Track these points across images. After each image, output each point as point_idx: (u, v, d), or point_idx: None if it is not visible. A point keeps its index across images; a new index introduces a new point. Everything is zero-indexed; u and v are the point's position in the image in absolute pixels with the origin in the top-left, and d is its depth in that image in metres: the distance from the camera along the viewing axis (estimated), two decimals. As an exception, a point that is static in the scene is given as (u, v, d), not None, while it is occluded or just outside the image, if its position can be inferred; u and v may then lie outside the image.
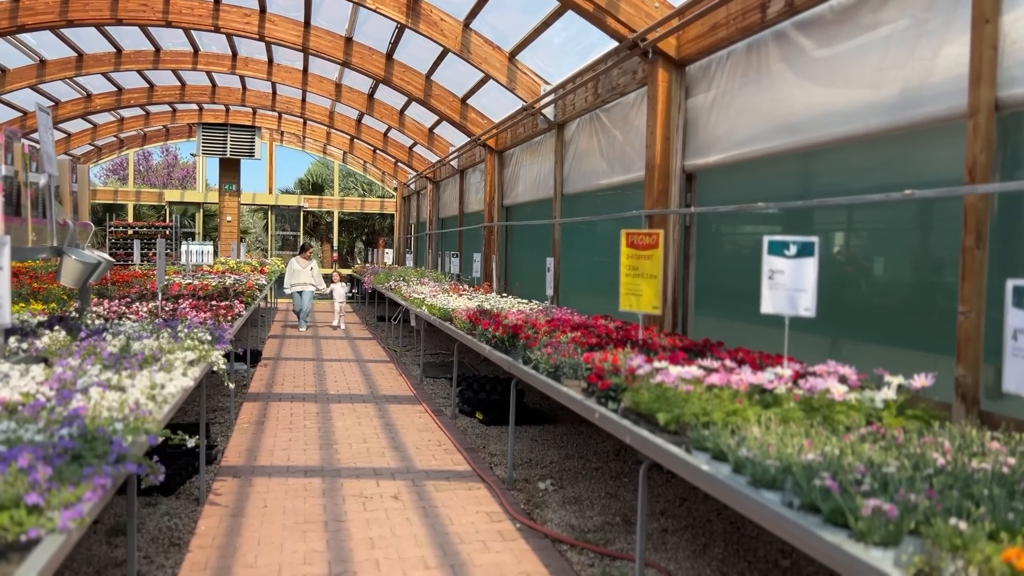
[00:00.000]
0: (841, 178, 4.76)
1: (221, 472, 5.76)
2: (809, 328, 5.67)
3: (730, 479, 2.57)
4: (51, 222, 4.29)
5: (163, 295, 7.62)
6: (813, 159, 4.91)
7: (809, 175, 5.06)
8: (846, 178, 4.71)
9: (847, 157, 4.59)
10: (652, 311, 4.75)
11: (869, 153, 4.39)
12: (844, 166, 4.67)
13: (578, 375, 4.29)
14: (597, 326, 5.94)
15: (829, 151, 4.68)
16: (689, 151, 6.06)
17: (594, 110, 7.91)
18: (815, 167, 4.97)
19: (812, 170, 5.01)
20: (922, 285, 4.39)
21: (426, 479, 5.68)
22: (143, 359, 4.04)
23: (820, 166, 4.93)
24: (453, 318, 7.40)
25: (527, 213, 10.89)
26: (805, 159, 4.97)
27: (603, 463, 6.18)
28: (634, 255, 4.87)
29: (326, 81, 13.89)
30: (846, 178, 4.71)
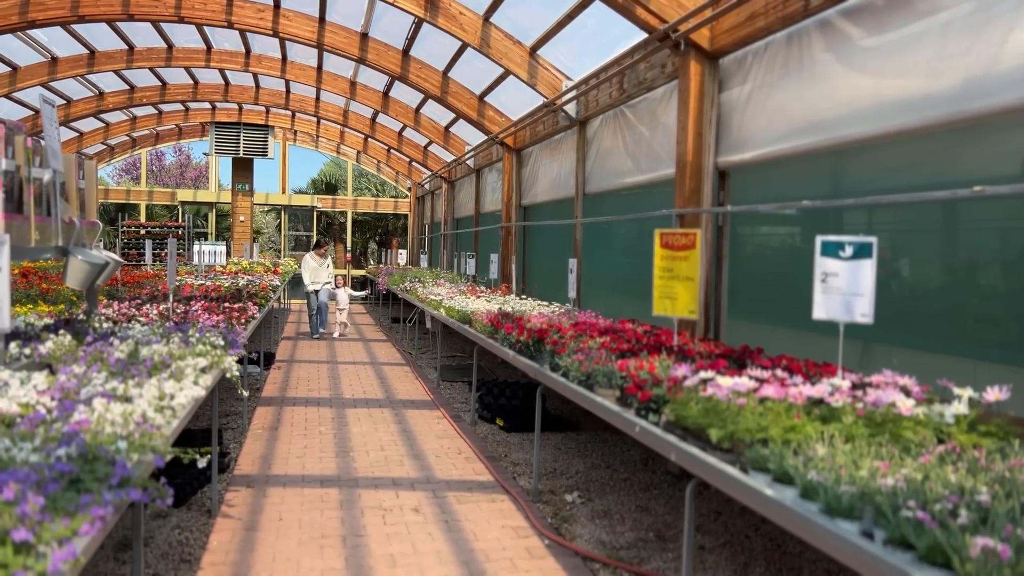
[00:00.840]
0: (891, 175, 4.49)
1: (234, 481, 5.54)
2: (847, 334, 5.40)
3: (799, 505, 2.30)
4: (56, 220, 4.06)
5: (175, 297, 7.41)
6: (859, 155, 4.63)
7: (855, 171, 4.78)
8: (896, 174, 4.43)
9: (898, 152, 4.31)
10: (688, 316, 4.49)
11: (923, 147, 4.11)
12: (895, 162, 4.39)
13: (612, 384, 4.03)
14: (626, 330, 5.68)
15: (878, 146, 4.41)
16: (722, 147, 5.79)
17: (618, 106, 7.65)
18: (861, 163, 4.69)
19: (858, 166, 4.73)
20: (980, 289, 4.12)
21: (447, 490, 5.43)
22: (152, 365, 3.81)
23: (867, 162, 4.65)
24: (473, 321, 7.15)
25: (546, 213, 10.63)
26: (850, 155, 4.69)
27: (631, 473, 5.91)
28: (668, 256, 4.62)
29: (340, 79, 13.67)
30: (896, 174, 4.43)
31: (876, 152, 4.46)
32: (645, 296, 7.79)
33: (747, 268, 5.91)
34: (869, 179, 4.70)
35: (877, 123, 4.22)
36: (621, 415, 3.59)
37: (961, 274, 4.23)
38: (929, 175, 4.14)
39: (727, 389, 2.95)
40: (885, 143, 4.31)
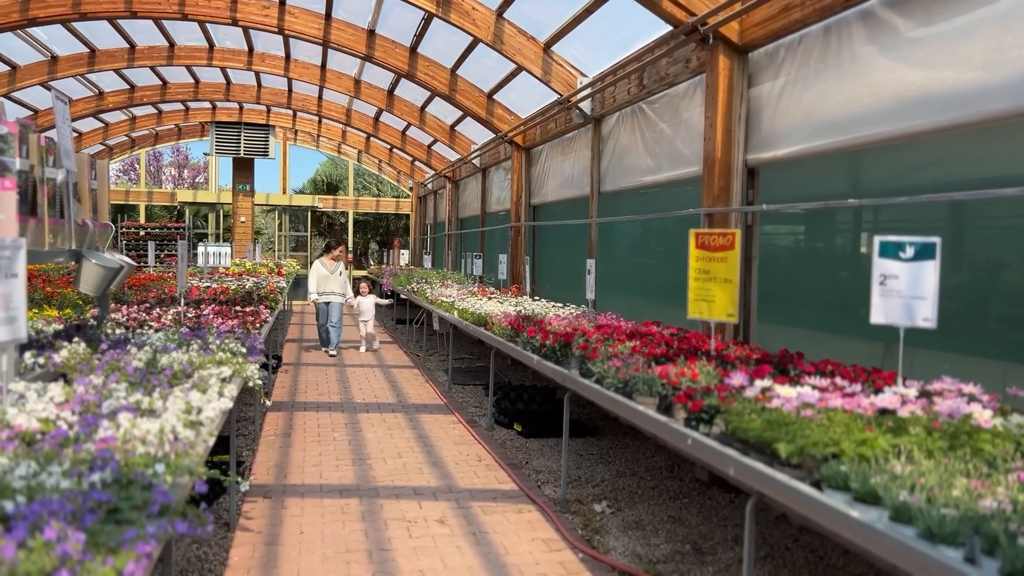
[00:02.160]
0: (937, 171, 4.32)
1: (251, 491, 5.35)
2: (867, 334, 5.24)
3: (893, 530, 2.13)
4: (69, 222, 3.87)
5: (184, 300, 7.22)
6: (903, 151, 4.46)
7: (898, 168, 4.61)
8: (944, 171, 4.26)
9: (949, 147, 4.14)
10: (727, 319, 4.32)
11: (978, 142, 3.94)
12: (944, 157, 4.22)
13: (652, 391, 3.85)
14: (653, 334, 5.51)
15: (925, 142, 4.24)
16: (752, 144, 5.62)
17: (637, 103, 7.47)
18: (906, 159, 4.51)
19: (902, 162, 4.55)
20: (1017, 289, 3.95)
21: (471, 500, 5.25)
22: (172, 375, 3.63)
23: (912, 158, 4.48)
24: (491, 324, 6.96)
25: (557, 213, 10.45)
26: (894, 151, 4.52)
27: (658, 481, 5.74)
28: (705, 257, 4.44)
29: (345, 77, 13.48)
30: (944, 171, 4.26)
31: (924, 147, 4.29)
32: (664, 298, 7.66)
33: (776, 269, 5.74)
34: (916, 175, 4.53)
35: (926, 118, 4.05)
36: (668, 426, 3.41)
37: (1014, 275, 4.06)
38: (986, 170, 3.97)
39: (796, 401, 2.76)
40: (933, 139, 4.13)
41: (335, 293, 11.88)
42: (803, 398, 2.78)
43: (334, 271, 11.94)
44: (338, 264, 12.07)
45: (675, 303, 7.32)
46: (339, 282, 11.95)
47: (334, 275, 11.90)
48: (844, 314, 5.28)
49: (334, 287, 11.88)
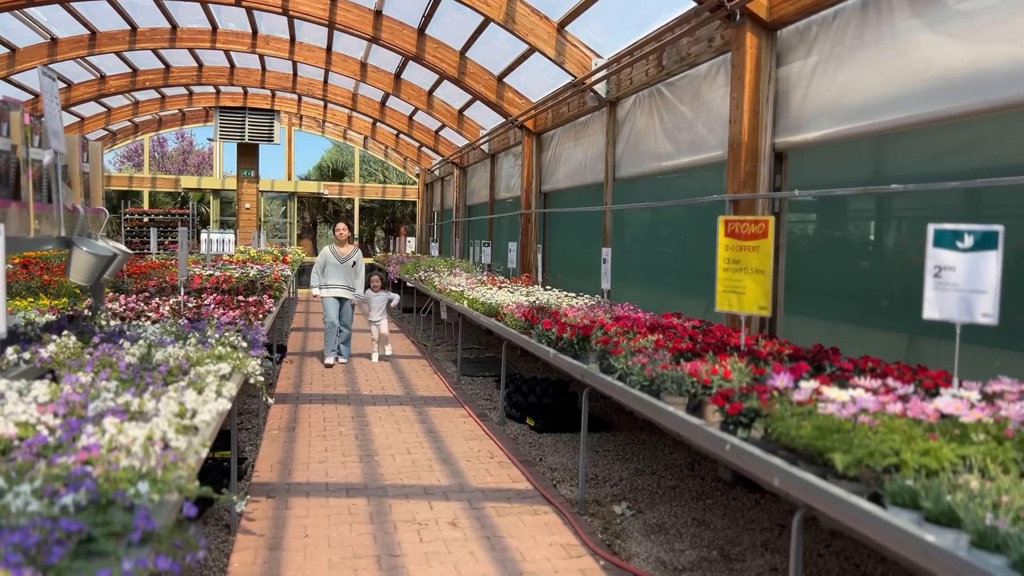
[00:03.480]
0: (983, 154, 4.03)
1: (253, 490, 5.11)
2: (886, 325, 4.97)
3: (979, 560, 1.86)
4: (58, 208, 3.61)
5: (185, 289, 6.97)
6: (950, 132, 4.17)
7: (944, 150, 4.32)
8: (992, 154, 3.98)
9: (1001, 128, 3.85)
10: (759, 312, 4.04)
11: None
12: (995, 139, 3.93)
13: (682, 391, 3.59)
14: (675, 326, 5.25)
15: (973, 123, 3.95)
16: (780, 127, 5.33)
17: (655, 84, 7.17)
18: (952, 140, 4.22)
19: (948, 144, 4.26)
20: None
21: (484, 500, 5.00)
22: (168, 371, 3.38)
23: (956, 140, 4.19)
24: (503, 315, 6.70)
25: (569, 199, 10.17)
26: (939, 132, 4.23)
27: (679, 480, 5.49)
28: (735, 246, 4.16)
29: (351, 60, 13.18)
30: (992, 154, 3.98)
31: (976, 127, 4.00)
32: (683, 288, 7.39)
33: (804, 259, 5.46)
34: (955, 160, 4.24)
35: (977, 97, 3.76)
36: (702, 429, 3.14)
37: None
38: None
39: (854, 407, 2.49)
40: (984, 119, 3.85)
41: (344, 287, 9.81)
42: (861, 403, 2.51)
43: (345, 260, 9.81)
44: (352, 252, 9.95)
45: (694, 293, 7.06)
46: (348, 273, 9.85)
47: (344, 265, 9.80)
48: (867, 305, 5.03)
49: (341, 279, 9.82)
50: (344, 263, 9.83)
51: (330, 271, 9.79)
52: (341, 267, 9.80)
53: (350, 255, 9.92)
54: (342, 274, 9.81)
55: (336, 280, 9.81)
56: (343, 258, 9.87)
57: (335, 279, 9.80)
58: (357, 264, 9.93)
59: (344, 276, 9.81)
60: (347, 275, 9.81)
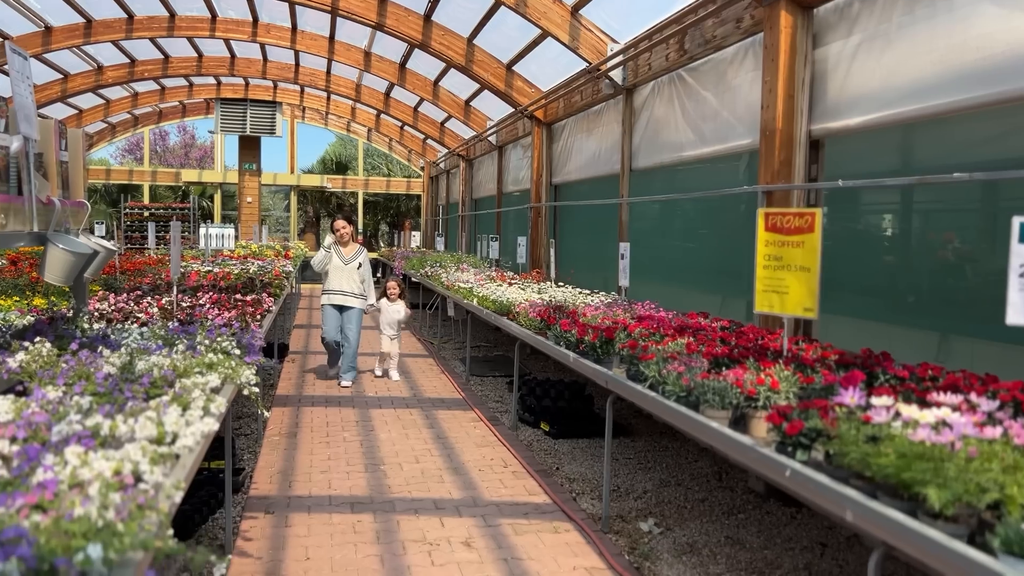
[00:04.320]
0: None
1: (250, 505, 4.76)
2: (910, 321, 4.61)
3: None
4: (29, 200, 3.25)
5: (179, 287, 6.61)
6: (1014, 115, 3.78)
7: (1005, 136, 3.93)
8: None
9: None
10: (803, 314, 3.67)
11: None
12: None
13: (724, 403, 3.22)
14: (704, 327, 4.88)
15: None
16: (816, 113, 4.94)
17: (676, 70, 6.78)
18: (1017, 124, 3.83)
19: (1011, 129, 3.88)
20: None
21: (499, 515, 4.64)
22: (151, 383, 3.02)
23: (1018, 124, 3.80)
24: (516, 314, 6.33)
25: (581, 192, 9.79)
26: (1002, 116, 3.84)
27: (707, 492, 5.12)
28: (776, 241, 3.79)
29: (354, 49, 12.79)
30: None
31: None
32: (705, 285, 7.01)
33: (837, 255, 5.08)
34: (1016, 144, 3.86)
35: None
36: (756, 451, 2.77)
37: None
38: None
39: (952, 433, 2.11)
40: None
41: (348, 293, 8.23)
42: (958, 428, 2.13)
43: (350, 261, 8.25)
44: (357, 252, 8.39)
45: (719, 291, 6.68)
46: (355, 277, 8.27)
47: (349, 267, 8.23)
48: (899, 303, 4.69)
49: (348, 284, 8.24)
50: (348, 265, 8.23)
51: (331, 274, 8.23)
52: (345, 270, 8.20)
53: (355, 255, 8.33)
54: (346, 278, 8.21)
55: (338, 285, 8.21)
56: (347, 259, 8.25)
57: (337, 284, 8.21)
58: (364, 266, 8.38)
59: (349, 280, 8.21)
60: (352, 279, 8.23)
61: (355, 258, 8.35)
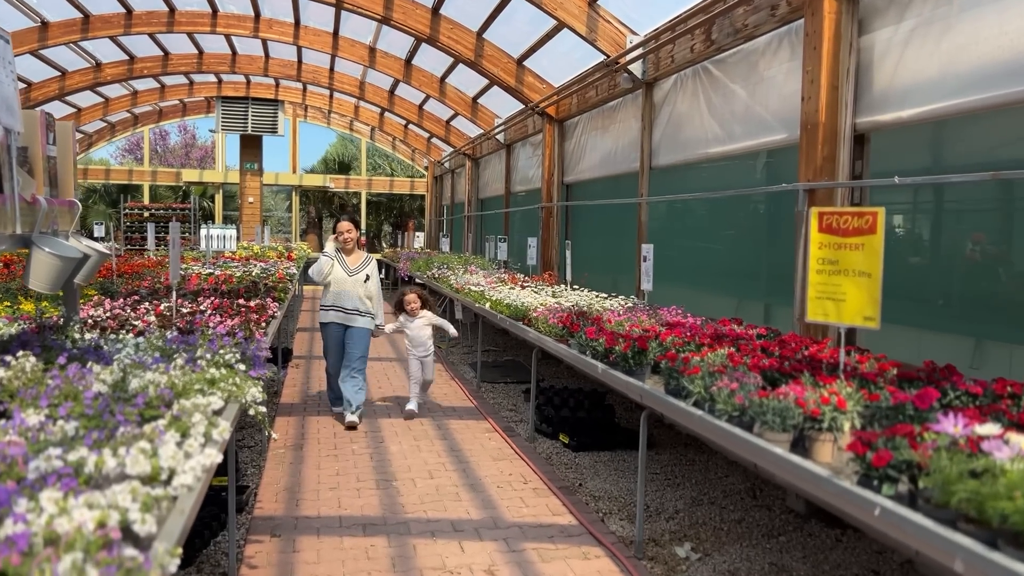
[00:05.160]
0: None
1: (255, 526, 4.42)
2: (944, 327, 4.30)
3: None
4: (12, 199, 2.91)
5: (179, 291, 6.28)
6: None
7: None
8: None
9: None
10: (863, 324, 3.33)
11: None
12: None
13: (786, 425, 2.88)
14: (741, 335, 4.55)
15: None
16: (862, 105, 4.61)
17: (702, 62, 6.45)
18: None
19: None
20: None
21: (523, 539, 4.30)
22: (146, 403, 2.69)
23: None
24: (534, 319, 6.00)
25: (595, 191, 9.45)
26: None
27: (743, 511, 4.78)
28: (832, 244, 3.46)
29: (359, 45, 12.46)
30: None
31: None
32: (731, 289, 6.68)
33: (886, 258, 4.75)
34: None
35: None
36: (834, 483, 2.43)
37: None
38: None
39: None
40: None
41: (352, 310, 6.72)
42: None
43: (356, 272, 6.76)
44: (365, 261, 6.90)
45: (744, 295, 6.36)
46: (360, 292, 6.76)
47: (354, 279, 6.73)
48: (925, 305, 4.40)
49: (352, 299, 6.72)
50: (354, 277, 6.74)
51: (333, 287, 6.75)
52: (349, 282, 6.72)
53: (361, 265, 6.84)
54: (350, 293, 6.71)
55: (340, 300, 6.73)
56: (352, 270, 6.77)
57: (340, 298, 6.73)
58: (372, 279, 6.86)
59: (353, 296, 6.72)
60: (357, 294, 6.73)
61: (362, 269, 6.81)
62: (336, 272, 6.77)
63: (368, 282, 6.84)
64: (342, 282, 6.77)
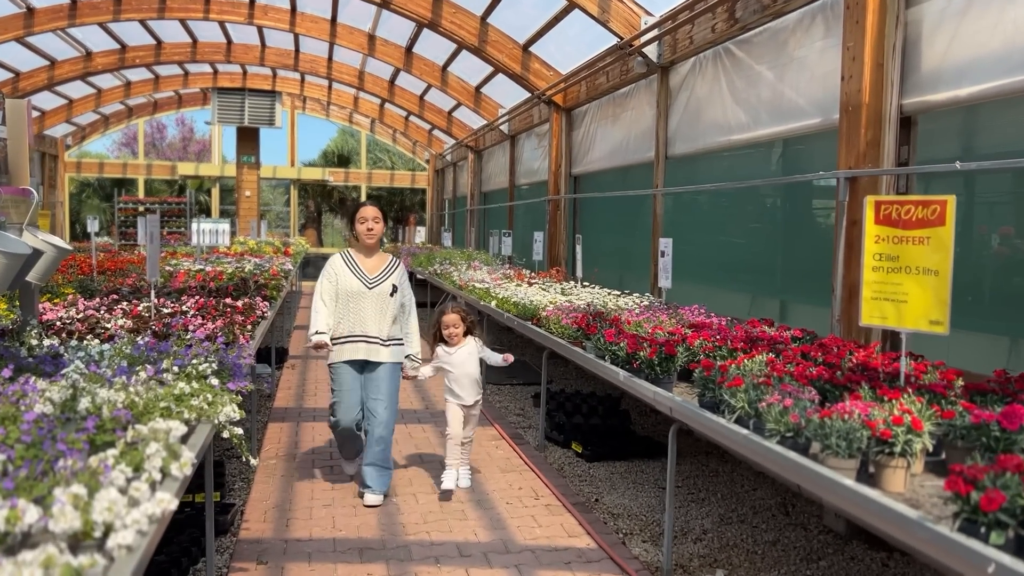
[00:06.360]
0: None
1: (240, 551, 4.00)
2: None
3: None
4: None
5: (164, 288, 5.85)
6: None
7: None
8: None
9: None
10: (929, 329, 2.93)
11: None
12: None
13: (852, 450, 2.45)
14: (775, 338, 4.12)
15: None
16: (909, 85, 4.17)
17: (724, 43, 6.01)
18: None
19: None
20: None
21: (537, 566, 3.88)
22: (98, 426, 2.26)
23: None
24: (544, 319, 5.57)
25: (605, 183, 9.01)
26: None
27: (777, 531, 4.35)
28: (892, 237, 3.04)
29: (357, 32, 12.01)
30: None
31: None
32: (755, 286, 6.26)
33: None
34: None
35: None
36: (929, 528, 2.00)
37: None
38: None
39: None
40: None
41: (375, 339, 4.69)
42: None
43: (377, 282, 4.71)
44: (390, 266, 4.83)
45: (767, 292, 5.94)
46: (388, 312, 4.73)
47: (375, 292, 4.69)
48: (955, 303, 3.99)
49: (375, 323, 4.69)
50: (375, 288, 4.67)
51: (348, 306, 4.66)
52: (368, 297, 4.65)
53: (385, 273, 4.75)
54: (372, 314, 4.66)
55: (359, 326, 4.65)
56: (372, 279, 4.69)
57: (357, 323, 4.65)
58: (401, 291, 4.79)
59: (377, 318, 4.66)
60: (382, 316, 4.68)
61: (385, 276, 4.72)
62: (347, 282, 4.65)
63: (396, 295, 4.73)
64: (357, 297, 4.63)
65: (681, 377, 3.93)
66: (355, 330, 4.68)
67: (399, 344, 4.85)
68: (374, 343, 4.69)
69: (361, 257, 4.80)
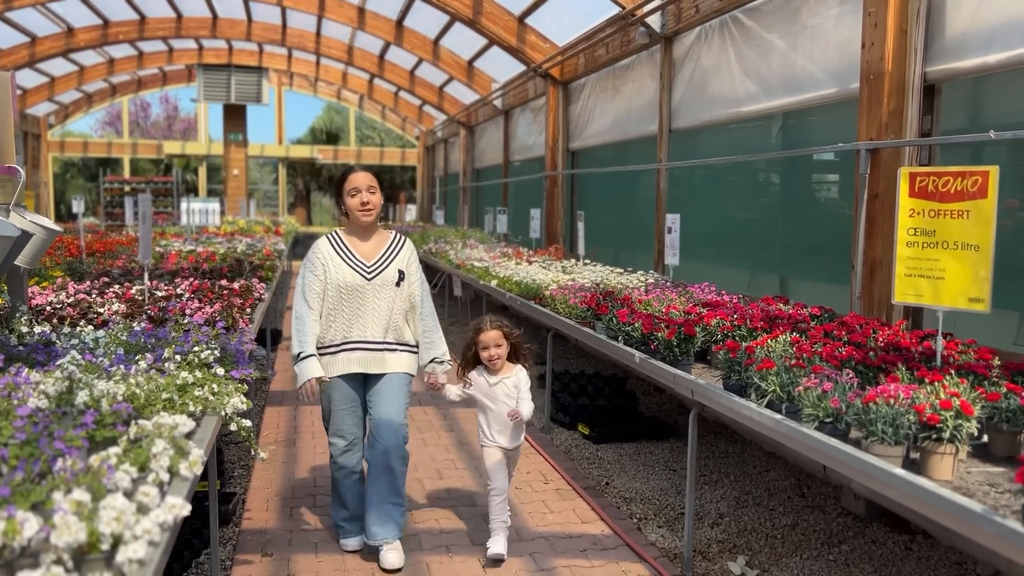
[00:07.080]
0: None
1: (243, 542, 3.86)
2: None
3: None
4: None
5: (155, 270, 5.67)
6: None
7: None
8: None
9: None
10: (969, 307, 2.80)
11: None
12: None
13: (898, 435, 2.32)
14: (795, 317, 4.00)
15: None
16: (934, 52, 4.02)
17: (731, 11, 5.83)
18: None
19: None
20: None
21: (551, 553, 3.76)
22: (97, 421, 2.11)
23: None
24: (549, 299, 5.42)
25: (605, 158, 8.83)
26: None
27: (795, 515, 4.24)
28: (928, 210, 2.91)
29: (347, 5, 11.73)
30: None
31: None
32: (762, 262, 6.13)
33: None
34: None
35: None
36: (997, 523, 1.87)
37: None
38: None
39: None
40: None
41: (379, 344, 3.60)
42: None
43: (378, 269, 3.61)
44: (394, 245, 3.73)
45: (781, 268, 5.80)
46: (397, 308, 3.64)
47: (378, 282, 3.59)
48: None
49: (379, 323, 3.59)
50: (376, 278, 3.61)
51: (340, 305, 3.60)
52: (370, 289, 3.59)
53: (389, 255, 3.69)
54: (374, 310, 3.60)
55: (358, 329, 3.60)
56: (371, 268, 3.63)
57: (356, 323, 3.60)
58: (413, 279, 3.74)
59: (380, 314, 3.60)
60: (387, 312, 3.60)
61: (388, 262, 3.66)
62: (339, 274, 3.58)
63: (403, 286, 3.65)
64: (353, 293, 3.57)
65: (699, 358, 3.80)
66: (349, 335, 3.56)
67: (411, 351, 3.70)
68: (375, 351, 3.57)
69: (354, 240, 3.66)
